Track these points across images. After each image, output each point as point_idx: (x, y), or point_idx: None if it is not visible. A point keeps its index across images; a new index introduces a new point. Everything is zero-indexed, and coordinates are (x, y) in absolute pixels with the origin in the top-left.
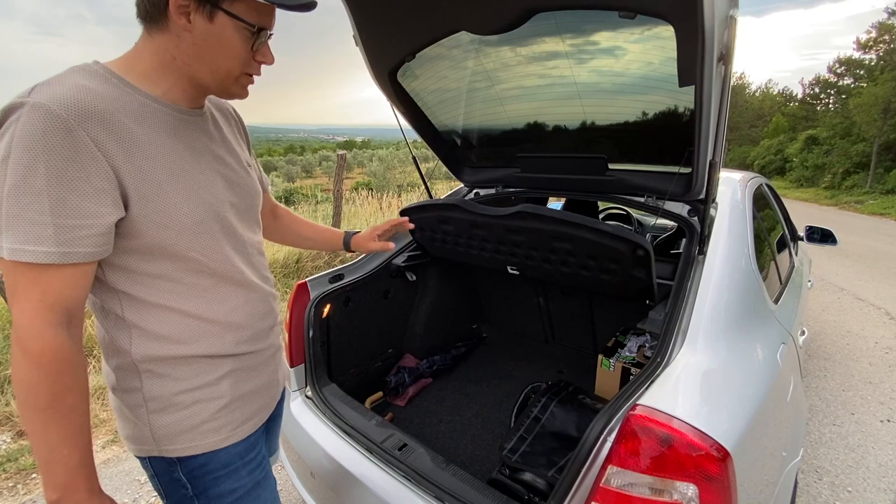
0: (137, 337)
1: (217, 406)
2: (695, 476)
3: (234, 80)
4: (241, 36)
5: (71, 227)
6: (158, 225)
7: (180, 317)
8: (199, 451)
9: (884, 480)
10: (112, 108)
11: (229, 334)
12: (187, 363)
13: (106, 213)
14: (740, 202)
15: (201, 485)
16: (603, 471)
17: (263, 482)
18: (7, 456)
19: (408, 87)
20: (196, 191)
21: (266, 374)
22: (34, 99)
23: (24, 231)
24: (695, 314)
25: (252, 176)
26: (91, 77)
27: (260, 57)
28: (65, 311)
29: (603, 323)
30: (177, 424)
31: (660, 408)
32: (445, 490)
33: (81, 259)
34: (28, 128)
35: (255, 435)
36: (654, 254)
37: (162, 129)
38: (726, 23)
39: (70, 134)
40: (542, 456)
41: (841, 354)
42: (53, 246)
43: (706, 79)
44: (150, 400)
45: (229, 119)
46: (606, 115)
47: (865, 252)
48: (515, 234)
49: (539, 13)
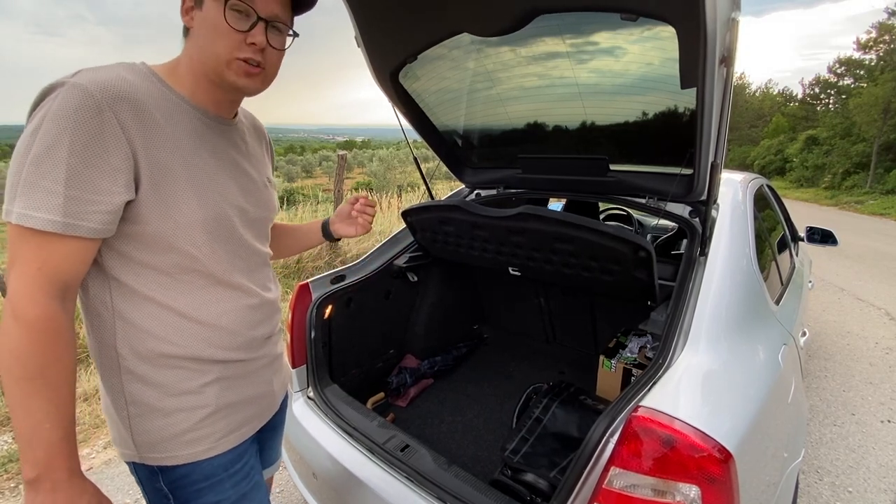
0: (122, 328)
1: (200, 415)
2: (697, 477)
3: (226, 64)
4: (231, 17)
5: (81, 199)
6: (162, 214)
7: (168, 312)
8: (180, 461)
9: (884, 481)
10: (143, 99)
11: (218, 338)
12: (171, 366)
13: (117, 192)
14: (741, 203)
15: (183, 496)
16: (605, 472)
17: (250, 494)
18: (9, 456)
19: (409, 87)
20: (207, 191)
21: (258, 384)
22: (75, 80)
23: (37, 198)
24: (696, 315)
25: (270, 192)
26: (133, 72)
27: (251, 37)
28: (61, 284)
29: (604, 323)
30: (157, 432)
31: (662, 409)
32: (448, 491)
33: (85, 234)
34: (63, 103)
35: (243, 446)
36: (655, 255)
37: (187, 129)
38: (728, 25)
39: (100, 113)
40: (543, 457)
41: (841, 355)
42: (60, 216)
43: (708, 81)
44: (131, 404)
45: (261, 138)
46: (607, 116)
47: (866, 252)
48: (517, 236)
49: (541, 15)
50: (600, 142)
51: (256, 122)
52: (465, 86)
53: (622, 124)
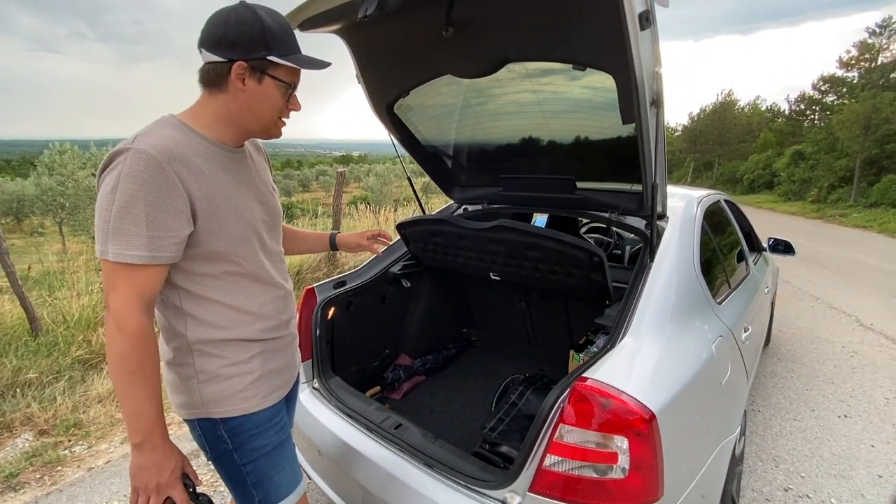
0: (192, 323)
1: (250, 379)
2: (626, 431)
3: (274, 124)
4: (280, 92)
5: (159, 237)
6: (214, 237)
7: (224, 308)
8: (237, 413)
9: (835, 468)
10: (187, 151)
11: (259, 323)
12: (228, 345)
13: (182, 228)
14: (691, 217)
15: (238, 440)
16: (555, 428)
17: (286, 441)
18: (32, 452)
19: (403, 117)
20: (241, 211)
21: (286, 356)
22: (137, 146)
23: (126, 241)
24: (640, 310)
25: (276, 198)
26: (172, 128)
27: (291, 105)
28: (148, 300)
29: (577, 324)
30: (220, 392)
31: (601, 379)
32: (435, 459)
33: (164, 261)
34: (133, 166)
35: (279, 405)
36: (606, 260)
37: (219, 165)
38: (654, 76)
39: (162, 171)
40: (517, 433)
41: (809, 358)
42: (146, 251)
43: (643, 119)
44: (199, 372)
45: (260, 152)
46: (571, 143)
47: (843, 263)
48: (495, 245)
49: (510, 62)
50: (568, 163)
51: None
52: (451, 115)
53: (584, 149)
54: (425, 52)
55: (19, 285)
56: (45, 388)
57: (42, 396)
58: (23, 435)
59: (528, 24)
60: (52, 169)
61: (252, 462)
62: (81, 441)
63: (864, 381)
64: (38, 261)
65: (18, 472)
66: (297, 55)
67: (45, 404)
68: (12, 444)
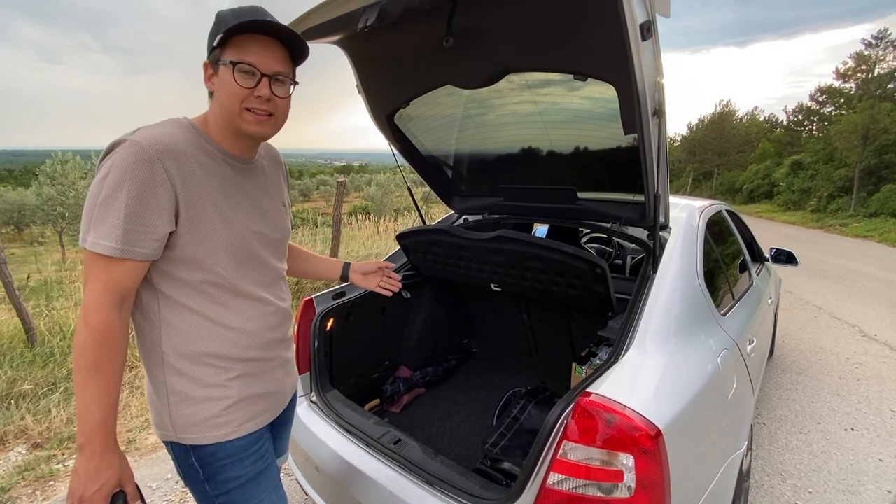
0: (166, 331)
1: (225, 404)
2: (632, 448)
3: (239, 115)
4: (239, 78)
5: (135, 231)
6: (196, 241)
7: (201, 318)
8: (208, 441)
9: (843, 483)
10: (184, 149)
11: (241, 340)
12: (203, 362)
13: (161, 225)
14: (694, 228)
15: (210, 470)
16: (559, 445)
17: (266, 471)
18: (25, 466)
19: (403, 127)
20: (232, 221)
21: (272, 382)
22: (134, 138)
23: (103, 231)
24: (643, 322)
25: (286, 215)
26: (177, 126)
27: (257, 92)
28: (120, 295)
29: (580, 336)
30: (190, 417)
31: (605, 394)
32: (435, 476)
33: (139, 257)
34: (124, 156)
35: (260, 432)
36: (609, 271)
37: (217, 171)
38: (656, 86)
39: (151, 165)
40: (518, 448)
41: (813, 369)
42: (120, 244)
43: (645, 129)
44: (171, 393)
45: (278, 167)
46: (572, 153)
47: (845, 273)
48: (496, 256)
49: (511, 73)
50: (568, 174)
51: (273, 152)
52: (451, 125)
53: (585, 159)
54: (425, 63)
55: (16, 295)
56: (40, 400)
57: (37, 408)
58: (16, 448)
59: (529, 35)
60: (53, 178)
61: (225, 494)
62: (75, 454)
63: (870, 392)
64: (36, 270)
65: (10, 486)
66: (228, 28)
67: (39, 416)
68: (5, 457)
